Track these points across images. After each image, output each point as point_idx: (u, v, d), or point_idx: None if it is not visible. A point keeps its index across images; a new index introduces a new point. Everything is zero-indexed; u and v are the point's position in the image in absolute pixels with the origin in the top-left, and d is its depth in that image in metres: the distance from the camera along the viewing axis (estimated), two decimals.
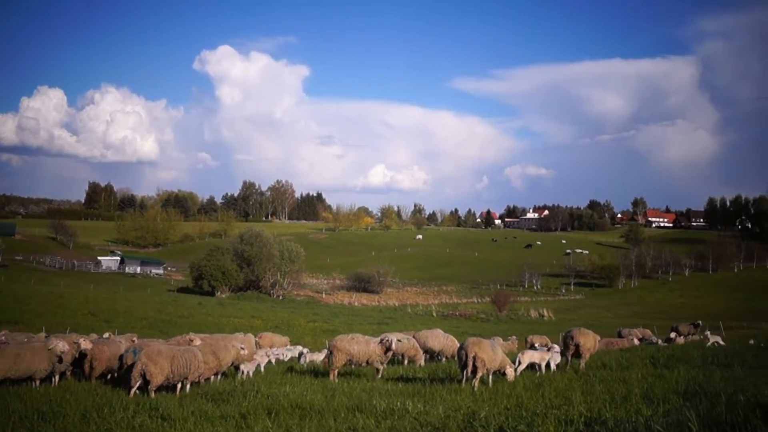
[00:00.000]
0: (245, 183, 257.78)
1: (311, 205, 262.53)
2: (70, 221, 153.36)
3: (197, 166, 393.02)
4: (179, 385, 14.66)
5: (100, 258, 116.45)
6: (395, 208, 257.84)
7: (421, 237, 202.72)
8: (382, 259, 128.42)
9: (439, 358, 23.96)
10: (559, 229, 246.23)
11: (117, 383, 15.58)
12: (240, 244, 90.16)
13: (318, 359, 23.57)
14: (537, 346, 23.59)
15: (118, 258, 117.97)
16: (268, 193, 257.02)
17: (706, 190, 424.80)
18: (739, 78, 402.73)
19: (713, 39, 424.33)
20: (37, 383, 14.90)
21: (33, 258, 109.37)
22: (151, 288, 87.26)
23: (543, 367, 17.26)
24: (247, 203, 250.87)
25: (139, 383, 13.87)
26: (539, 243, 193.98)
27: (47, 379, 15.29)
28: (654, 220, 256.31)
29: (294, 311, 65.88)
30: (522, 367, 16.92)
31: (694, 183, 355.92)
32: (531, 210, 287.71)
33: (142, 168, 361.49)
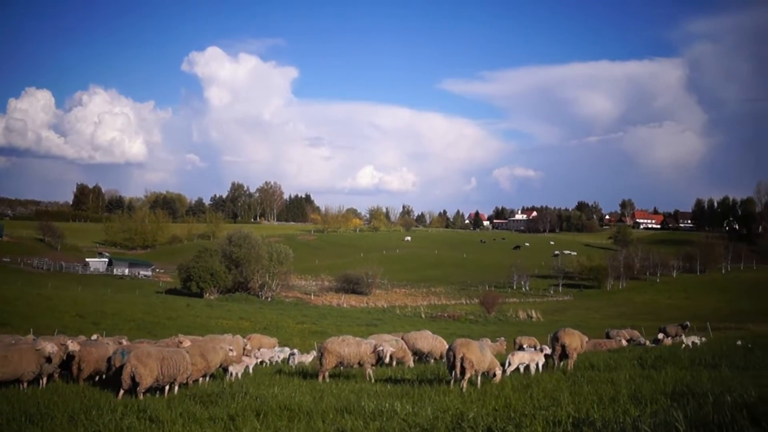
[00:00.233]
0: (234, 184, 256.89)
1: (300, 207, 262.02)
2: (57, 223, 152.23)
3: (185, 168, 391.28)
4: (167, 386, 14.64)
5: (88, 260, 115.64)
6: (384, 210, 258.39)
7: (409, 238, 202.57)
8: (370, 260, 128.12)
9: (427, 360, 24.02)
10: (547, 231, 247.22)
11: (105, 385, 15.53)
12: (228, 246, 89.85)
13: (307, 361, 23.58)
14: (525, 347, 23.75)
15: (106, 260, 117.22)
16: (257, 194, 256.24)
17: (693, 191, 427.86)
18: (727, 80, 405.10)
19: (701, 41, 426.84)
20: (24, 385, 14.84)
21: (20, 260, 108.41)
22: (140, 290, 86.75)
23: (533, 368, 17.36)
24: (236, 205, 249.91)
25: (128, 385, 13.83)
26: (527, 244, 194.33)
27: (35, 381, 15.23)
28: (642, 221, 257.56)
29: (282, 313, 65.77)
30: (512, 368, 17.01)
31: (682, 184, 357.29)
32: (519, 211, 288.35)
33: (130, 169, 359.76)
